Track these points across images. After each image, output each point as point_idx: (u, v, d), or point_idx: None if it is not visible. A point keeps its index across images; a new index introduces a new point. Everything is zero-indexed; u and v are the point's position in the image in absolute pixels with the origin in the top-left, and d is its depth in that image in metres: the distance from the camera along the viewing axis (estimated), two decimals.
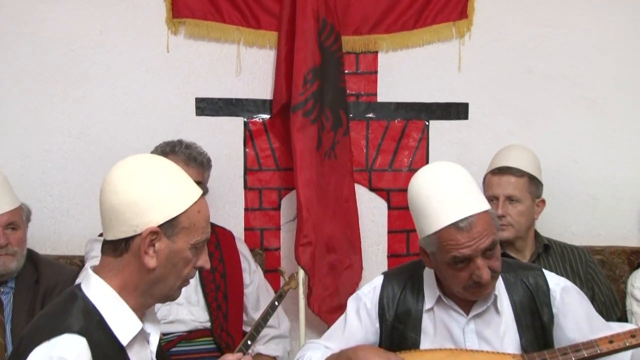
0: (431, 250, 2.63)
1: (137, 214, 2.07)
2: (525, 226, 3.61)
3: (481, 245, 2.52)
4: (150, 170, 2.14)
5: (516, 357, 2.56)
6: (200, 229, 2.15)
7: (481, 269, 2.52)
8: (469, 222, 2.51)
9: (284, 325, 3.82)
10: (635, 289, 3.69)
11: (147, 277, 2.11)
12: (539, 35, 4.13)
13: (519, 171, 3.61)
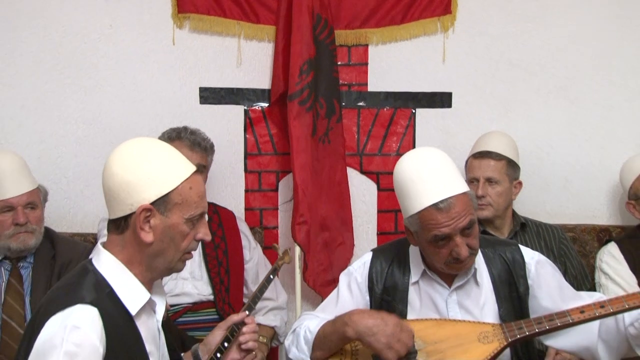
0: (414, 229, 2.66)
1: (130, 193, 2.08)
2: (503, 206, 3.65)
3: (460, 224, 2.55)
4: (141, 152, 2.15)
5: (495, 327, 2.60)
6: (194, 204, 2.15)
7: (460, 246, 2.55)
8: (448, 203, 2.54)
9: (282, 297, 3.83)
10: (604, 263, 3.73)
11: (147, 251, 2.12)
12: (518, 30, 4.13)
13: (498, 155, 3.65)
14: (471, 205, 2.62)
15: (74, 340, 1.93)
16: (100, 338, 1.98)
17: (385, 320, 2.54)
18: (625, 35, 4.16)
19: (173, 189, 2.10)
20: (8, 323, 3.24)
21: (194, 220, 2.15)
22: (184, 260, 2.20)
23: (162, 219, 2.10)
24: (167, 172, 2.13)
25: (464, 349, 2.58)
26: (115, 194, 2.11)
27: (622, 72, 4.17)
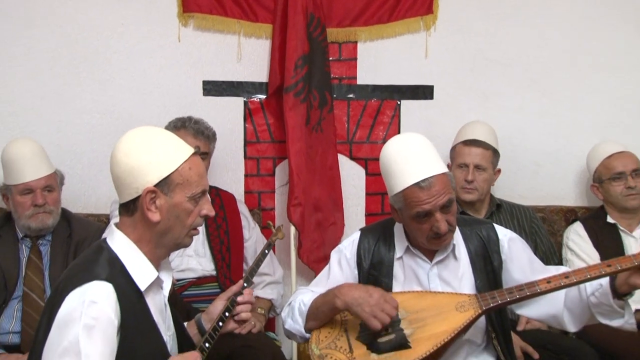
0: (399, 206, 2.68)
1: (135, 178, 2.10)
2: (486, 190, 3.72)
3: (439, 202, 2.58)
4: (142, 140, 2.16)
5: (471, 297, 2.63)
6: (194, 183, 2.16)
7: (440, 222, 2.57)
8: (429, 182, 2.57)
9: (278, 273, 3.84)
10: (570, 240, 3.80)
11: (156, 230, 2.14)
12: (494, 29, 4.16)
13: (486, 145, 3.70)
14: (450, 185, 2.64)
15: (92, 314, 1.96)
16: (115, 311, 2.01)
17: (370, 292, 2.57)
18: (590, 34, 4.20)
19: (174, 171, 2.12)
20: (29, 295, 3.26)
21: (196, 198, 2.17)
22: (190, 235, 2.22)
23: (167, 199, 2.12)
24: (167, 155, 2.15)
25: (443, 317, 2.60)
26: (122, 180, 2.14)
27: (588, 68, 4.22)
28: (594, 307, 2.59)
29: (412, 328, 2.60)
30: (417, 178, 2.59)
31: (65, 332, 1.95)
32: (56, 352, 1.95)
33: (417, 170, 2.62)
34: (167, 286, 2.27)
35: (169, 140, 2.20)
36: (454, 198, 2.67)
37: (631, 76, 4.23)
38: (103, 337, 1.98)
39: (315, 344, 2.70)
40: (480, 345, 2.77)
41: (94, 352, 1.94)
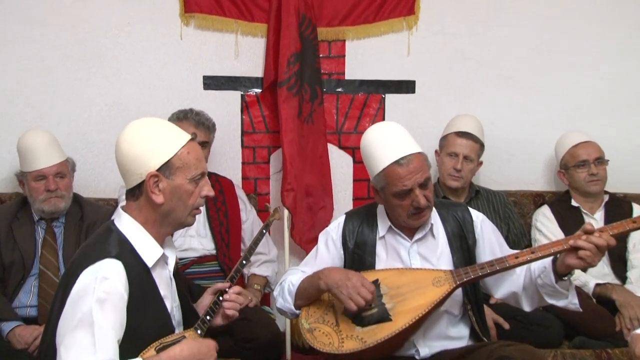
0: (380, 186, 2.70)
1: (138, 164, 2.12)
2: (470, 179, 3.76)
3: (418, 179, 2.60)
4: (143, 130, 2.18)
5: (446, 272, 2.66)
6: (193, 166, 2.18)
7: (419, 196, 2.60)
8: (407, 159, 2.60)
9: (273, 252, 3.86)
10: (538, 222, 3.84)
11: (160, 211, 2.16)
12: (470, 29, 4.18)
13: (476, 138, 3.73)
14: (426, 164, 2.67)
15: (104, 288, 1.99)
16: (124, 286, 2.04)
17: (349, 276, 2.59)
18: (556, 35, 4.22)
19: (173, 155, 2.14)
20: (44, 272, 3.28)
21: (196, 179, 2.19)
22: (193, 215, 2.24)
23: (169, 182, 2.14)
24: (166, 142, 2.16)
25: (421, 291, 2.62)
26: (126, 167, 2.16)
27: (554, 65, 4.23)
28: (541, 288, 2.62)
29: (392, 302, 2.63)
30: (396, 157, 2.62)
31: (79, 305, 1.98)
32: (71, 323, 1.97)
33: (395, 150, 2.65)
34: (172, 262, 2.30)
35: (167, 128, 2.22)
36: (430, 177, 2.69)
37: (593, 73, 4.25)
38: (114, 309, 2.00)
39: (305, 319, 2.72)
40: (457, 316, 2.80)
41: (105, 323, 1.96)
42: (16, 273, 3.29)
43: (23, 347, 3.08)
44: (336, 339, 2.62)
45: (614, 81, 4.27)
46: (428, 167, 2.69)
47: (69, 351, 1.94)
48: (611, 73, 4.26)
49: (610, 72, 4.26)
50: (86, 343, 1.94)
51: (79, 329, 1.96)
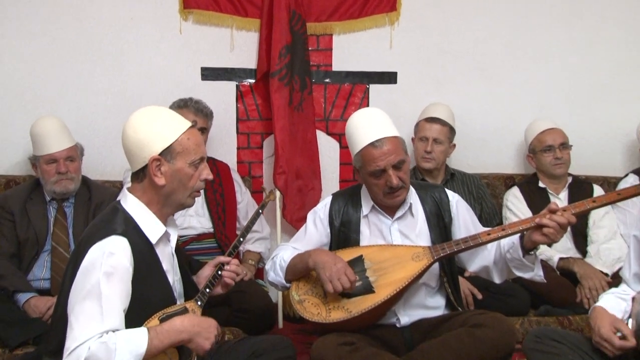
0: (359, 165, 2.73)
1: (142, 149, 2.14)
2: (442, 161, 3.76)
3: (391, 160, 2.63)
4: (146, 117, 2.19)
5: (425, 248, 2.69)
6: (193, 151, 2.18)
7: (392, 176, 2.62)
8: (382, 142, 2.62)
9: (266, 230, 3.88)
10: (508, 202, 3.88)
11: (162, 192, 2.18)
12: (448, 25, 4.18)
13: (444, 122, 3.73)
14: (401, 148, 2.68)
15: (111, 263, 2.02)
16: (130, 261, 2.06)
17: (335, 260, 2.62)
18: (526, 30, 4.23)
19: (174, 141, 2.15)
20: (56, 248, 3.30)
21: (195, 164, 2.20)
22: (193, 197, 2.25)
23: (170, 166, 2.15)
24: (168, 128, 2.17)
25: (401, 266, 2.66)
26: (131, 151, 2.17)
27: (525, 58, 4.25)
28: (510, 262, 2.66)
29: (375, 276, 2.67)
30: (371, 139, 2.65)
31: (88, 278, 2.00)
32: (80, 294, 1.99)
33: (371, 133, 2.67)
34: (174, 239, 2.31)
35: (169, 116, 2.23)
36: (405, 159, 2.70)
37: (559, 66, 4.26)
38: (120, 282, 2.02)
39: (295, 291, 2.75)
40: (434, 288, 2.83)
41: (112, 294, 1.99)
42: (30, 249, 3.30)
43: (38, 316, 3.09)
44: (324, 309, 2.66)
45: (578, 73, 4.28)
46: (403, 151, 2.70)
47: (78, 319, 1.97)
48: (576, 66, 4.27)
49: (575, 66, 4.27)
50: (94, 312, 1.96)
51: (87, 300, 1.98)
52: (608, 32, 4.29)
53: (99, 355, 1.91)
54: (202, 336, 2.13)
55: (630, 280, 2.47)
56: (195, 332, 2.11)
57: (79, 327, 1.95)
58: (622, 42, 4.30)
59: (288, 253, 2.83)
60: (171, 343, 2.06)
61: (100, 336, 1.94)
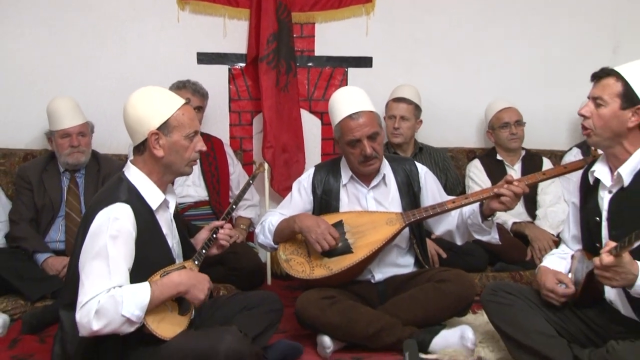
0: (338, 136, 2.77)
1: (141, 124, 2.16)
2: (410, 136, 3.76)
3: (366, 132, 2.67)
4: (144, 95, 2.21)
5: (397, 214, 2.76)
6: (187, 125, 2.19)
7: (366, 146, 2.67)
8: (358, 114, 2.68)
9: (256, 198, 3.89)
10: (470, 172, 3.92)
11: (161, 163, 2.19)
12: (419, 15, 4.18)
13: (409, 101, 3.73)
14: (376, 121, 2.73)
15: (115, 227, 2.04)
16: (132, 225, 2.09)
17: (318, 222, 2.68)
18: (486, 21, 4.25)
19: (170, 116, 2.16)
20: (69, 214, 3.34)
21: (190, 136, 2.21)
22: (190, 166, 2.27)
23: (167, 139, 2.17)
24: (164, 105, 2.18)
25: (377, 230, 2.73)
26: (132, 127, 2.19)
27: (486, 46, 4.27)
28: (470, 227, 2.73)
29: (354, 238, 2.73)
30: (349, 112, 2.70)
31: (96, 240, 2.03)
32: (90, 254, 2.04)
33: (350, 107, 2.72)
34: (172, 206, 2.32)
35: (164, 94, 2.25)
36: (379, 132, 2.73)
37: (515, 52, 4.29)
38: (124, 244, 2.05)
39: (282, 251, 2.81)
40: (404, 248, 2.90)
41: (117, 255, 2.03)
42: (47, 214, 3.33)
43: (54, 273, 3.15)
44: (308, 267, 2.72)
45: (531, 61, 4.31)
46: (378, 124, 2.74)
47: (89, 277, 2.00)
48: (529, 54, 4.30)
49: (529, 54, 4.30)
50: (102, 270, 2.00)
51: (96, 260, 2.01)
52: (558, 26, 4.32)
53: (108, 307, 1.95)
54: (197, 288, 2.16)
55: (569, 241, 2.54)
56: (190, 284, 2.14)
57: (89, 284, 1.99)
58: (569, 34, 4.33)
59: (276, 218, 2.86)
60: (170, 294, 2.10)
61: (108, 291, 1.98)
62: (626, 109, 2.16)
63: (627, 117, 2.16)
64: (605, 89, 2.19)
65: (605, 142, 2.23)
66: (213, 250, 2.50)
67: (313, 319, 2.67)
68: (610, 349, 2.06)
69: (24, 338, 2.87)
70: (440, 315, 2.76)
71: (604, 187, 2.27)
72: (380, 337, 2.65)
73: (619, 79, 2.17)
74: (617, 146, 2.22)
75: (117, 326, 1.97)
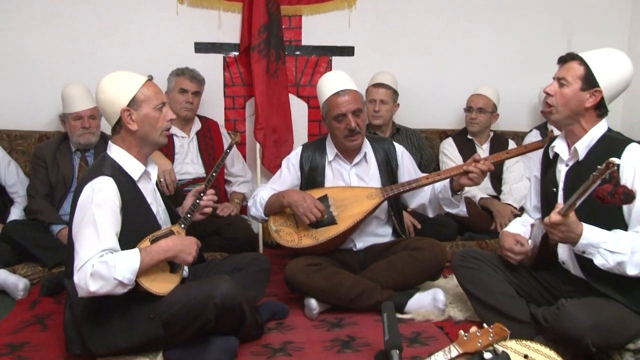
0: (325, 112, 2.78)
1: (113, 105, 2.19)
2: (388, 118, 3.77)
3: (351, 107, 2.69)
4: (109, 80, 2.22)
5: (377, 189, 2.78)
6: (154, 98, 2.21)
7: (351, 120, 2.70)
8: (344, 92, 2.70)
9: (248, 175, 3.89)
10: (444, 149, 3.97)
11: (137, 136, 2.22)
12: (397, 8, 4.17)
13: (388, 86, 3.73)
14: (360, 100, 2.75)
15: (100, 196, 2.08)
16: (116, 195, 2.11)
17: (305, 197, 2.69)
18: (458, 15, 4.27)
19: (136, 92, 2.19)
20: None
21: (159, 108, 2.23)
22: (164, 135, 2.28)
23: (138, 113, 2.19)
24: (128, 84, 2.21)
25: (359, 203, 2.75)
26: (105, 110, 2.23)
27: (457, 37, 4.29)
28: (441, 201, 2.77)
29: (338, 211, 2.75)
30: (336, 89, 2.72)
31: (84, 211, 2.07)
32: (80, 224, 2.07)
33: (337, 85, 2.75)
34: (154, 177, 2.33)
35: (126, 75, 2.25)
36: (362, 109, 2.76)
37: (484, 43, 4.31)
38: (110, 211, 2.08)
39: (272, 223, 2.83)
40: (383, 220, 2.94)
41: (105, 221, 2.06)
42: (60, 190, 3.35)
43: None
44: (296, 237, 2.75)
45: (498, 51, 4.34)
46: (361, 102, 2.76)
47: (81, 244, 2.04)
48: (496, 45, 4.33)
49: (495, 44, 4.33)
50: (92, 236, 2.03)
51: (86, 228, 2.04)
52: (519, 20, 4.35)
53: (102, 271, 1.98)
54: (185, 252, 2.18)
55: (530, 211, 2.60)
56: (178, 250, 2.16)
57: (82, 250, 2.02)
58: (529, 28, 4.36)
59: (266, 192, 2.87)
60: (159, 260, 2.13)
61: (100, 255, 2.00)
62: (585, 90, 2.22)
63: (586, 97, 2.22)
64: (569, 71, 2.25)
65: (565, 120, 2.29)
66: (197, 215, 2.47)
67: (301, 284, 2.69)
68: (560, 306, 2.12)
69: (43, 300, 2.94)
70: (415, 280, 2.80)
71: (562, 160, 2.34)
72: (361, 299, 2.68)
73: (582, 64, 2.23)
74: (575, 124, 2.28)
75: (111, 288, 2.00)
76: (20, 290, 2.94)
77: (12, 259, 3.12)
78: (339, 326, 2.63)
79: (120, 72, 2.28)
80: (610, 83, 2.21)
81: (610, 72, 2.21)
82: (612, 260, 2.03)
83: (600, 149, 2.23)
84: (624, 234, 2.09)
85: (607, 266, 2.04)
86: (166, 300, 2.13)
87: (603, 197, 1.78)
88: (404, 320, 2.64)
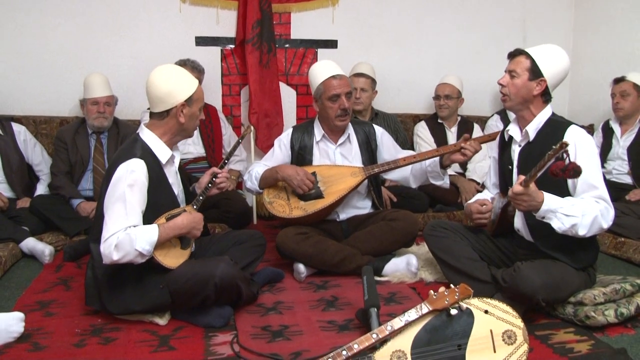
0: (319, 94, 2.77)
1: (171, 96, 2.17)
2: (368, 104, 3.77)
3: (345, 89, 2.70)
4: (171, 72, 2.21)
5: (360, 168, 2.79)
6: (201, 100, 2.26)
7: (345, 100, 2.70)
8: (339, 76, 2.72)
9: (244, 154, 3.87)
10: (418, 131, 3.99)
11: (180, 127, 2.23)
12: (374, 6, 4.18)
13: (367, 75, 3.73)
14: (350, 85, 2.76)
15: (132, 177, 2.08)
16: (145, 176, 2.12)
17: (297, 171, 2.70)
18: (428, 11, 4.28)
19: (194, 91, 2.20)
20: (96, 168, 3.37)
21: (202, 109, 2.27)
22: (194, 129, 2.33)
23: (189, 109, 2.20)
24: (189, 82, 2.21)
25: (343, 180, 2.77)
26: (159, 98, 2.18)
27: (427, 32, 4.30)
28: (429, 173, 2.78)
29: (325, 186, 2.76)
30: (331, 73, 2.73)
31: (116, 188, 2.08)
32: (112, 199, 2.08)
33: (331, 70, 2.74)
34: (177, 161, 2.34)
35: (186, 73, 2.26)
36: (352, 92, 2.78)
37: (451, 37, 4.32)
38: (139, 191, 2.09)
39: (266, 195, 2.83)
40: (363, 194, 2.95)
41: (133, 200, 2.07)
42: (79, 168, 3.36)
43: (86, 215, 3.22)
44: (287, 209, 2.76)
45: (463, 43, 4.35)
46: (351, 88, 2.78)
47: (111, 217, 2.06)
48: (461, 38, 4.34)
49: (461, 38, 4.34)
50: (121, 212, 2.05)
51: (116, 203, 2.06)
52: (481, 18, 4.36)
53: (125, 242, 2.01)
54: (195, 228, 2.22)
55: (490, 187, 2.64)
56: (190, 226, 2.20)
57: (110, 223, 2.05)
58: (490, 24, 4.38)
59: (261, 168, 2.87)
60: (174, 235, 2.17)
61: (125, 229, 2.03)
62: (532, 80, 2.28)
63: (533, 86, 2.28)
64: (518, 64, 2.30)
65: (517, 106, 2.34)
66: (214, 190, 2.49)
67: (290, 251, 2.70)
68: (517, 268, 2.17)
69: (66, 265, 2.97)
70: (391, 247, 2.82)
71: (515, 142, 2.39)
72: (343, 264, 2.70)
73: (528, 57, 2.29)
74: (525, 110, 2.33)
75: (132, 257, 2.04)
76: (46, 256, 2.97)
77: (39, 228, 3.15)
78: (324, 288, 2.64)
79: (177, 67, 2.27)
80: (552, 73, 2.27)
81: (552, 63, 2.27)
82: (567, 222, 2.06)
83: (546, 130, 2.27)
84: (575, 200, 2.12)
85: (562, 229, 2.08)
86: (174, 274, 2.16)
87: (556, 173, 1.83)
88: (381, 282, 2.65)
